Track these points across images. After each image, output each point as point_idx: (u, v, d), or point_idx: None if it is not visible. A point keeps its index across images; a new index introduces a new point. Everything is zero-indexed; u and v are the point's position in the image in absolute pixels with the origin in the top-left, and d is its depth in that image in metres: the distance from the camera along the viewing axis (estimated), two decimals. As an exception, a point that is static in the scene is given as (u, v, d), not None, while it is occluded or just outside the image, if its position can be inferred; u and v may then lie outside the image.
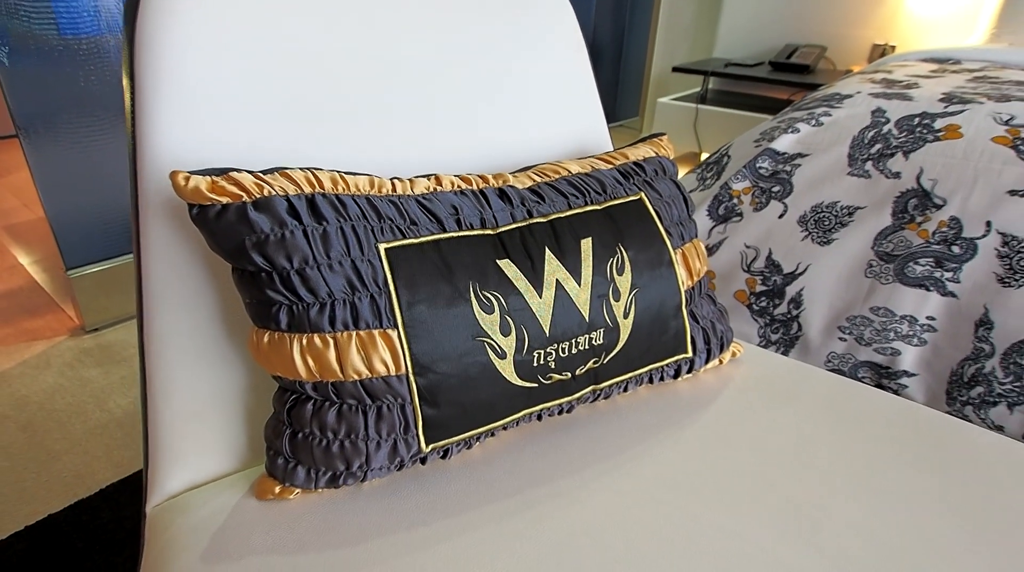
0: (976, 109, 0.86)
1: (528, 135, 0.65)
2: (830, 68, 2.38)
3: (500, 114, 0.63)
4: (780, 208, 0.92)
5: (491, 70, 0.63)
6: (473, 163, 0.61)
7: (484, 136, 0.62)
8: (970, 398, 0.80)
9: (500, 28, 0.65)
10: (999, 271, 0.78)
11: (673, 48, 2.92)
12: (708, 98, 2.52)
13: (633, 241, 0.53)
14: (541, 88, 0.67)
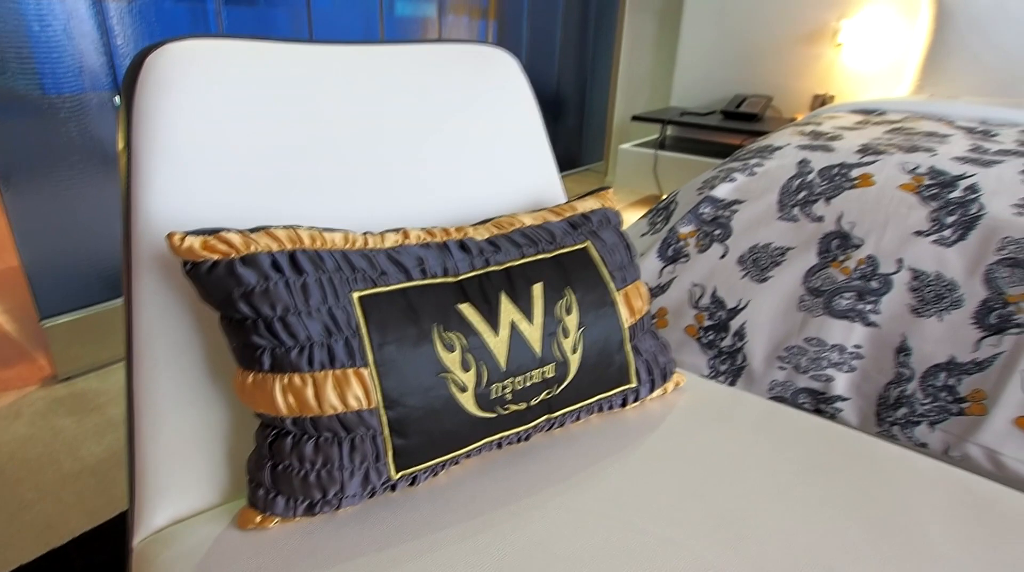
0: (887, 159, 0.98)
1: (488, 191, 0.72)
2: (776, 116, 2.55)
3: (462, 173, 0.71)
4: (721, 250, 1.01)
5: (454, 133, 0.71)
6: (439, 217, 0.68)
7: (448, 192, 0.69)
8: (896, 419, 0.88)
9: (460, 94, 0.73)
10: (912, 302, 0.87)
11: (633, 97, 3.09)
12: (666, 144, 2.67)
13: (580, 285, 0.60)
14: (499, 148, 0.74)
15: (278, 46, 0.63)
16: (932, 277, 0.86)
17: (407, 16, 1.95)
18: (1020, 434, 0.81)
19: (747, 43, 2.60)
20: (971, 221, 0.85)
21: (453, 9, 2.08)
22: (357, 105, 0.65)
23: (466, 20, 2.15)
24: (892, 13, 2.25)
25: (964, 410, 0.84)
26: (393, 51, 0.70)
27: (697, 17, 2.68)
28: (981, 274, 0.83)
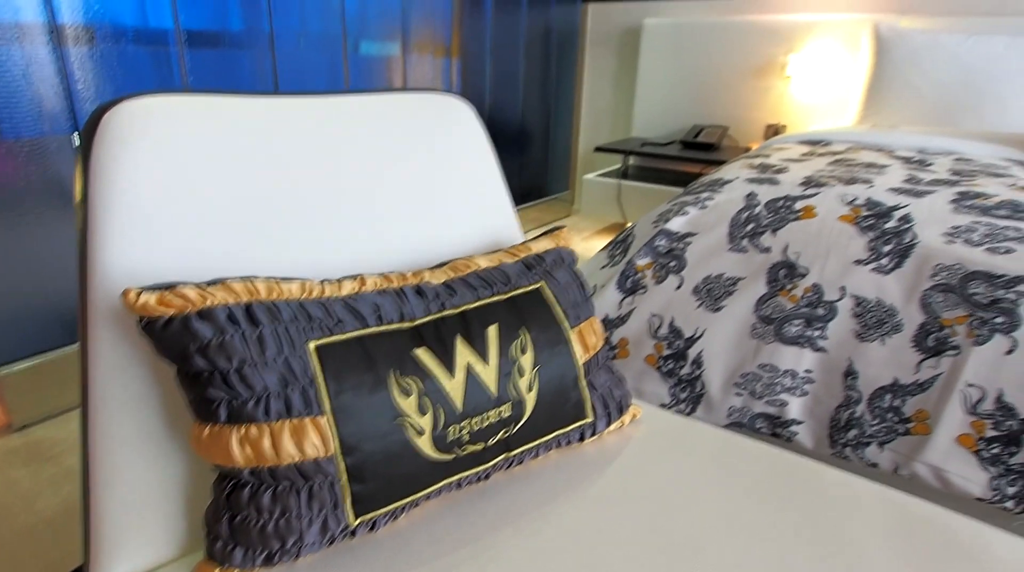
0: (827, 191, 1.03)
1: (446, 234, 0.74)
2: (733, 145, 2.65)
3: (421, 218, 0.73)
4: (677, 281, 1.05)
5: (411, 179, 0.73)
6: (398, 261, 0.70)
7: (407, 237, 0.71)
8: (848, 440, 0.92)
9: (417, 141, 0.75)
10: (856, 328, 0.91)
11: (596, 128, 3.18)
12: (629, 174, 2.74)
13: (534, 324, 0.62)
14: (456, 192, 0.77)
15: (235, 99, 0.65)
16: (873, 303, 0.91)
17: (372, 55, 1.99)
18: (963, 451, 0.85)
19: (702, 76, 2.71)
20: (906, 250, 0.90)
21: (417, 48, 2.13)
22: (316, 155, 0.67)
23: (430, 58, 2.20)
24: (836, 47, 2.38)
25: (910, 430, 0.88)
26: (351, 101, 0.73)
27: (653, 52, 2.79)
28: (918, 300, 0.88)
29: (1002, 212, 0.92)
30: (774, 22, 2.50)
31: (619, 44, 2.99)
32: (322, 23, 1.78)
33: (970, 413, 0.84)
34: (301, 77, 1.75)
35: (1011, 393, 0.82)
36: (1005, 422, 0.83)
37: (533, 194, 3.03)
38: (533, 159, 2.97)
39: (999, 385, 0.83)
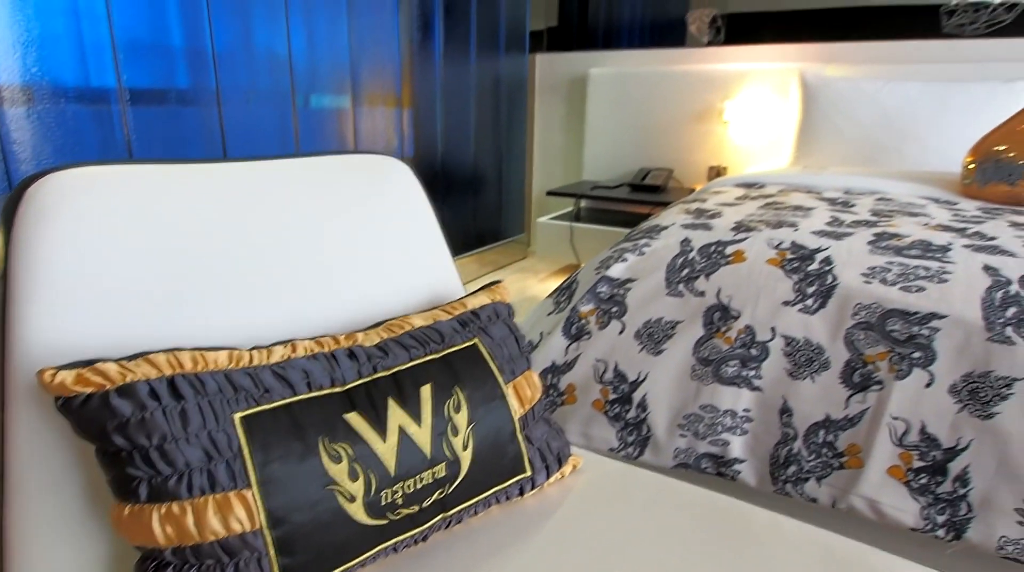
0: (756, 236, 1.08)
1: (383, 293, 0.75)
2: (678, 186, 2.76)
3: (357, 278, 0.74)
4: (619, 326, 1.07)
5: (347, 240, 0.74)
6: (334, 323, 0.70)
7: (343, 299, 0.72)
8: (787, 477, 0.94)
9: (353, 202, 0.77)
10: (788, 367, 0.95)
11: (549, 172, 3.27)
12: (581, 216, 2.82)
13: (468, 382, 0.63)
14: (394, 251, 0.78)
15: (163, 167, 0.65)
16: (802, 343, 0.95)
17: (322, 109, 2.02)
18: (894, 483, 0.89)
19: (647, 122, 2.83)
20: (828, 290, 0.95)
21: (368, 100, 2.17)
22: (248, 220, 0.68)
23: (381, 110, 2.25)
24: (768, 94, 2.52)
25: (844, 464, 0.91)
26: (284, 165, 0.74)
27: (600, 100, 2.91)
28: (842, 338, 0.93)
29: (914, 252, 0.98)
30: (710, 71, 2.64)
31: (567, 92, 3.11)
32: (271, 79, 1.81)
33: (898, 445, 0.88)
34: (250, 133, 1.76)
35: (933, 424, 0.87)
36: (930, 453, 0.87)
37: (489, 238, 3.07)
38: (488, 203, 3.02)
39: (921, 417, 0.87)
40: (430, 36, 2.41)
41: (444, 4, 2.45)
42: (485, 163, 2.93)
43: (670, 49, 2.80)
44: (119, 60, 1.44)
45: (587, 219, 2.75)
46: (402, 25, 2.24)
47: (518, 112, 3.14)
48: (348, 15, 2.00)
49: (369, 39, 2.12)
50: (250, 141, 1.77)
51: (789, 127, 2.40)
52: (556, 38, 3.10)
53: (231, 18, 1.66)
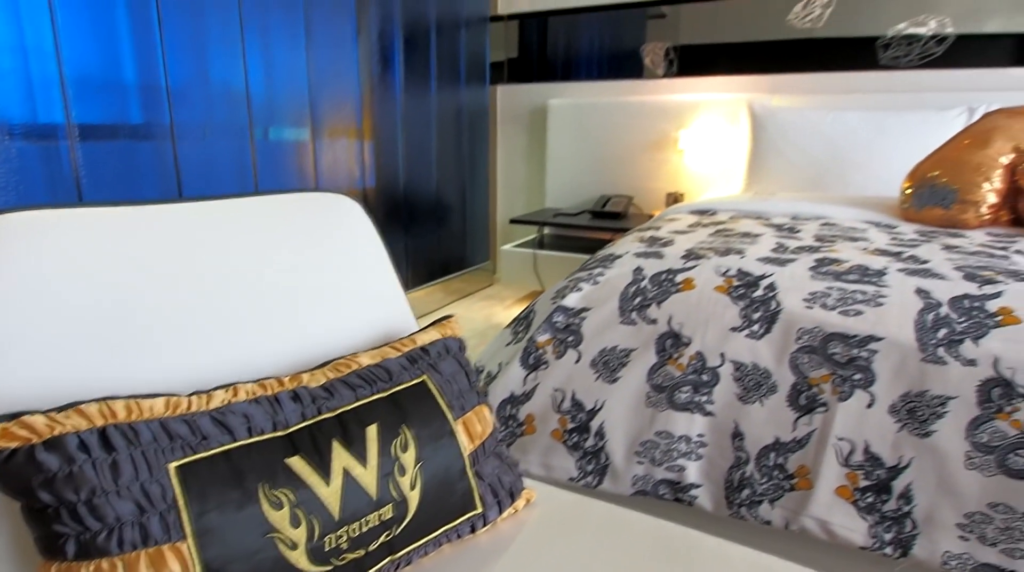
0: (705, 264, 1.12)
1: (332, 332, 0.75)
2: (638, 212, 2.82)
3: (305, 317, 0.73)
4: (576, 355, 1.09)
5: (295, 280, 0.74)
6: (281, 364, 0.70)
7: (290, 338, 0.71)
8: (742, 500, 0.96)
9: (301, 241, 0.77)
10: (738, 391, 0.98)
11: (512, 200, 3.31)
12: (545, 243, 2.85)
13: (416, 420, 0.63)
14: (343, 289, 0.78)
15: (108, 210, 0.65)
16: (750, 367, 0.97)
17: (281, 141, 2.02)
18: (842, 503, 0.91)
19: (606, 151, 2.90)
20: (772, 316, 0.99)
21: (328, 132, 2.18)
22: (194, 263, 0.67)
23: (342, 142, 2.25)
24: (719, 123, 2.62)
25: (794, 486, 0.93)
26: (230, 205, 0.74)
27: (560, 130, 2.97)
28: (787, 362, 0.96)
29: (852, 277, 1.03)
30: (665, 101, 2.73)
31: (528, 122, 3.17)
32: (228, 112, 1.80)
33: (844, 465, 0.91)
34: (206, 167, 1.75)
35: (876, 444, 0.90)
36: (874, 472, 0.89)
37: (454, 266, 3.08)
38: (453, 232, 3.04)
39: (865, 437, 0.90)
40: (390, 68, 2.44)
41: (404, 37, 2.49)
42: (448, 192, 2.96)
43: (626, 81, 2.89)
44: (68, 96, 1.42)
45: (550, 246, 2.78)
46: (362, 58, 2.27)
47: (480, 142, 3.18)
48: (307, 48, 2.01)
49: (328, 72, 2.13)
50: (207, 175, 1.76)
51: (741, 155, 2.49)
52: (517, 69, 3.17)
53: (186, 52, 1.66)
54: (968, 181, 1.55)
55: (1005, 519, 0.82)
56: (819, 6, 2.50)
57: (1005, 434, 0.83)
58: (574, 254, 2.62)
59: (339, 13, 2.14)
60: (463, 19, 2.89)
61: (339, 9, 2.13)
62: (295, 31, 1.97)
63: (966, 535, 0.84)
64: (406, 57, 2.52)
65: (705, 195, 2.60)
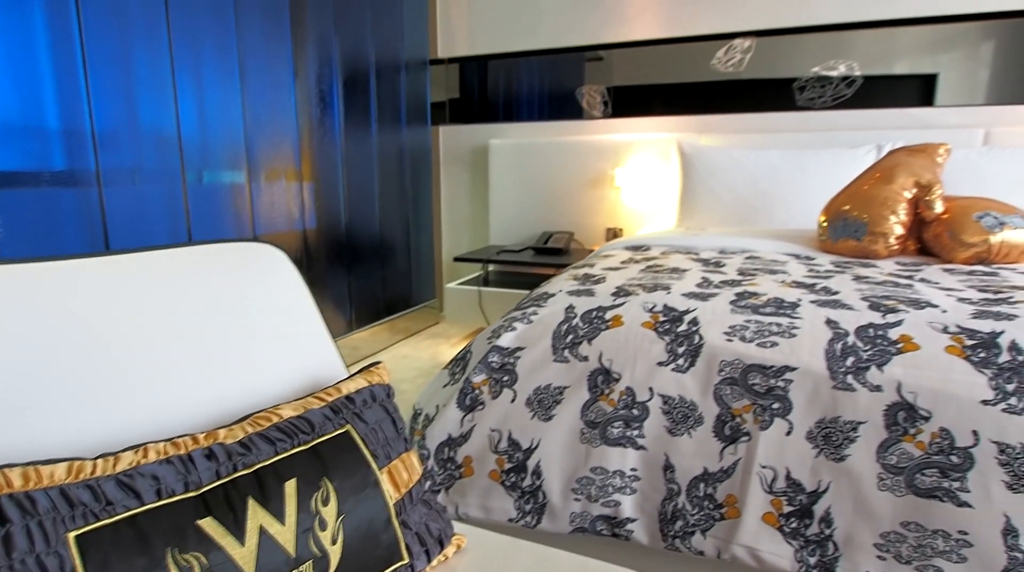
0: (633, 300, 1.16)
1: (254, 384, 0.74)
2: (579, 248, 2.89)
3: (226, 370, 0.72)
4: (511, 394, 1.10)
5: (216, 332, 0.73)
6: (199, 420, 0.68)
7: (209, 393, 0.70)
8: (675, 532, 0.98)
9: (222, 291, 0.76)
10: (667, 424, 1.01)
11: (457, 238, 3.33)
12: (489, 280, 2.87)
13: (338, 472, 0.62)
14: (266, 339, 0.77)
15: (15, 267, 0.62)
16: (677, 401, 1.01)
17: (216, 185, 1.99)
18: (769, 529, 0.94)
19: (547, 188, 2.97)
20: (696, 350, 1.03)
21: (266, 175, 2.16)
22: (108, 318, 0.65)
23: (280, 184, 2.23)
24: (653, 161, 2.74)
25: (724, 515, 0.96)
26: (150, 258, 0.72)
27: (501, 168, 3.04)
28: (712, 393, 1.00)
29: (768, 309, 1.09)
30: (599, 141, 2.84)
31: (471, 161, 3.22)
32: (158, 157, 1.77)
33: (768, 492, 0.94)
34: (135, 215, 1.70)
35: (796, 470, 0.94)
36: (796, 497, 0.93)
37: (400, 305, 3.06)
38: (397, 271, 3.03)
39: (786, 464, 0.94)
40: (329, 110, 2.46)
41: (343, 79, 2.52)
42: (392, 231, 2.96)
43: (563, 121, 3.00)
44: (-18, 142, 1.37)
45: (495, 283, 2.81)
46: (300, 100, 2.27)
47: (423, 181, 3.21)
48: (242, 90, 2.01)
49: (265, 114, 2.13)
50: (136, 223, 1.71)
51: (673, 191, 2.61)
52: (458, 110, 3.24)
53: (113, 95, 1.62)
54: (877, 214, 1.66)
55: (917, 537, 0.87)
56: (739, 51, 2.68)
57: (911, 455, 0.89)
58: (518, 290, 2.65)
59: (275, 55, 2.15)
60: (403, 62, 2.94)
61: (275, 52, 2.14)
62: (229, 73, 1.96)
63: (883, 554, 0.88)
64: (346, 99, 2.55)
65: (642, 230, 2.70)
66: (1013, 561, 0.82)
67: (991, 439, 0.85)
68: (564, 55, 2.95)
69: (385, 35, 2.79)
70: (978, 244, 1.51)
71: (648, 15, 2.78)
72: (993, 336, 0.93)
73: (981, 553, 0.83)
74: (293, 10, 2.20)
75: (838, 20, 2.52)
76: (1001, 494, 0.84)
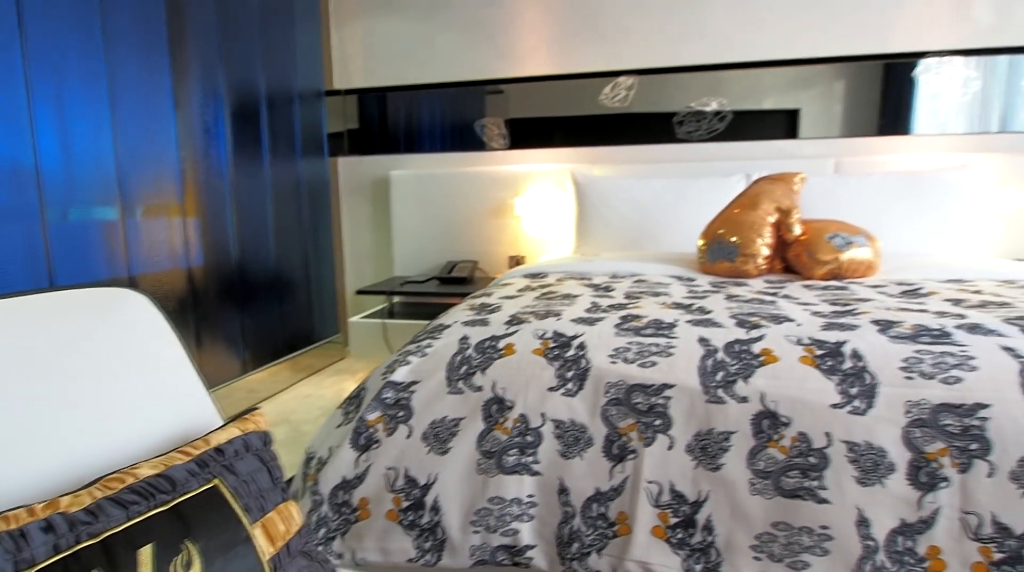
0: (525, 328, 1.19)
1: (113, 441, 0.68)
2: (484, 276, 2.92)
3: (77, 428, 0.66)
4: (407, 430, 1.08)
5: (67, 386, 0.67)
6: (43, 487, 0.62)
7: (53, 456, 0.63)
8: (572, 554, 0.99)
9: (74, 342, 0.70)
10: (560, 448, 1.03)
11: (361, 270, 3.26)
12: (395, 312, 2.83)
13: (203, 532, 0.59)
14: (128, 390, 0.72)
15: None
16: (568, 424, 1.04)
17: (83, 221, 1.83)
18: (658, 542, 0.98)
19: (450, 218, 2.99)
20: (583, 373, 1.07)
21: (145, 211, 2.02)
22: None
23: (162, 220, 2.10)
24: (550, 191, 2.84)
25: (616, 532, 0.99)
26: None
27: (403, 199, 3.03)
28: (599, 415, 1.03)
29: (648, 331, 1.15)
30: (499, 172, 2.91)
31: (372, 193, 3.19)
32: (12, 194, 1.61)
33: (655, 506, 0.98)
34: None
35: (679, 482, 0.99)
36: (680, 508, 0.98)
37: (301, 342, 2.94)
38: (298, 307, 2.91)
39: (669, 477, 0.99)
40: (215, 142, 2.35)
41: (231, 110, 2.43)
42: (290, 266, 2.85)
43: (464, 152, 3.05)
44: None
45: (400, 314, 2.77)
46: (181, 131, 2.16)
47: (323, 214, 3.14)
48: (112, 121, 1.88)
49: (141, 147, 2.00)
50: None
51: (570, 219, 2.71)
52: (358, 141, 3.21)
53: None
54: (746, 237, 1.82)
55: (786, 535, 0.94)
56: (624, 88, 2.86)
57: (776, 459, 0.96)
58: (424, 321, 2.62)
59: (152, 85, 2.03)
60: (297, 92, 2.88)
61: (152, 81, 2.03)
62: (97, 103, 1.83)
63: (759, 555, 0.95)
64: (234, 130, 2.45)
65: (543, 257, 2.78)
66: (867, 549, 0.91)
67: (841, 439, 0.94)
68: (464, 88, 3.02)
69: (276, 65, 2.72)
70: (831, 262, 1.69)
71: (539, 52, 2.90)
72: (838, 345, 1.04)
73: (840, 545, 0.91)
74: (173, 38, 2.11)
75: (710, 61, 2.76)
76: (853, 489, 0.93)
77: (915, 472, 0.91)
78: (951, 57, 2.55)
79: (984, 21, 2.51)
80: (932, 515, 0.90)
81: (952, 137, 2.59)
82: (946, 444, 0.91)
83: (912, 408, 0.94)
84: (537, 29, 2.88)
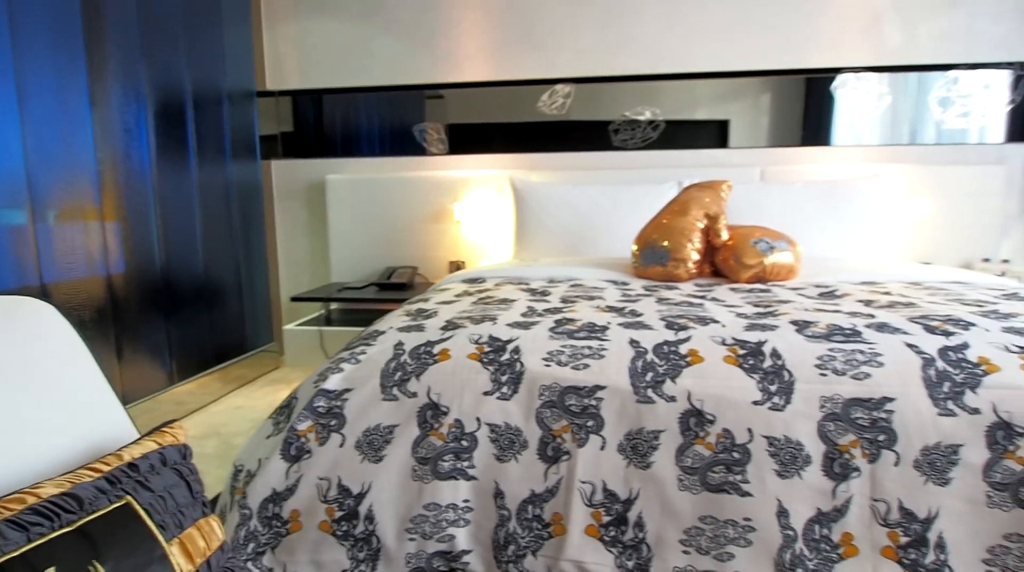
0: (461, 333, 1.19)
1: (8, 459, 0.64)
2: (424, 281, 2.90)
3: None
4: (340, 439, 1.06)
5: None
6: (-73, 510, 0.57)
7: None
8: (508, 557, 1.00)
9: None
10: (495, 452, 1.04)
11: (296, 277, 3.17)
12: (332, 319, 2.77)
13: (112, 552, 0.56)
14: (31, 406, 0.67)
15: None
16: (503, 428, 1.04)
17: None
18: (592, 541, 1.00)
19: (389, 223, 2.96)
20: (518, 377, 1.08)
21: (58, 215, 1.89)
22: None
23: (77, 224, 1.97)
24: (490, 196, 2.85)
25: (551, 533, 1.00)
26: None
27: (340, 204, 2.97)
28: (534, 418, 1.05)
29: (582, 334, 1.17)
30: (439, 177, 2.90)
31: (307, 197, 3.11)
32: (-98, 196, 1.48)
33: (588, 505, 1.00)
34: None
35: (611, 481, 1.01)
36: (613, 507, 1.00)
37: (233, 351, 2.83)
38: (228, 315, 2.80)
39: (602, 477, 1.01)
40: (137, 143, 2.24)
41: (154, 110, 2.31)
42: (220, 273, 2.74)
43: (402, 157, 3.02)
44: None
45: (339, 322, 2.71)
46: (98, 132, 2.04)
47: (255, 218, 3.03)
48: (21, 121, 1.76)
49: (54, 147, 1.88)
50: None
51: (509, 224, 2.73)
52: (293, 144, 3.12)
53: None
54: (677, 242, 1.88)
55: (712, 528, 0.98)
56: (561, 96, 2.91)
57: (703, 456, 1.00)
58: (363, 328, 2.58)
59: (65, 82, 1.91)
60: (226, 93, 2.78)
61: (65, 78, 1.91)
62: (3, 100, 1.71)
63: (688, 549, 0.98)
64: (157, 131, 2.34)
65: (483, 262, 2.78)
66: (787, 538, 0.96)
67: (762, 434, 0.99)
68: (403, 92, 2.99)
69: (203, 64, 2.61)
70: (755, 266, 1.77)
71: (478, 59, 2.92)
72: (759, 345, 1.09)
73: (762, 536, 0.96)
74: (89, 33, 1.99)
75: (644, 72, 2.85)
76: (773, 481, 0.98)
77: (829, 463, 0.97)
78: (866, 73, 2.74)
79: (893, 40, 2.71)
80: (845, 503, 0.96)
81: (867, 148, 2.78)
82: (856, 436, 0.98)
83: (826, 403, 1.00)
84: (475, 36, 2.90)
